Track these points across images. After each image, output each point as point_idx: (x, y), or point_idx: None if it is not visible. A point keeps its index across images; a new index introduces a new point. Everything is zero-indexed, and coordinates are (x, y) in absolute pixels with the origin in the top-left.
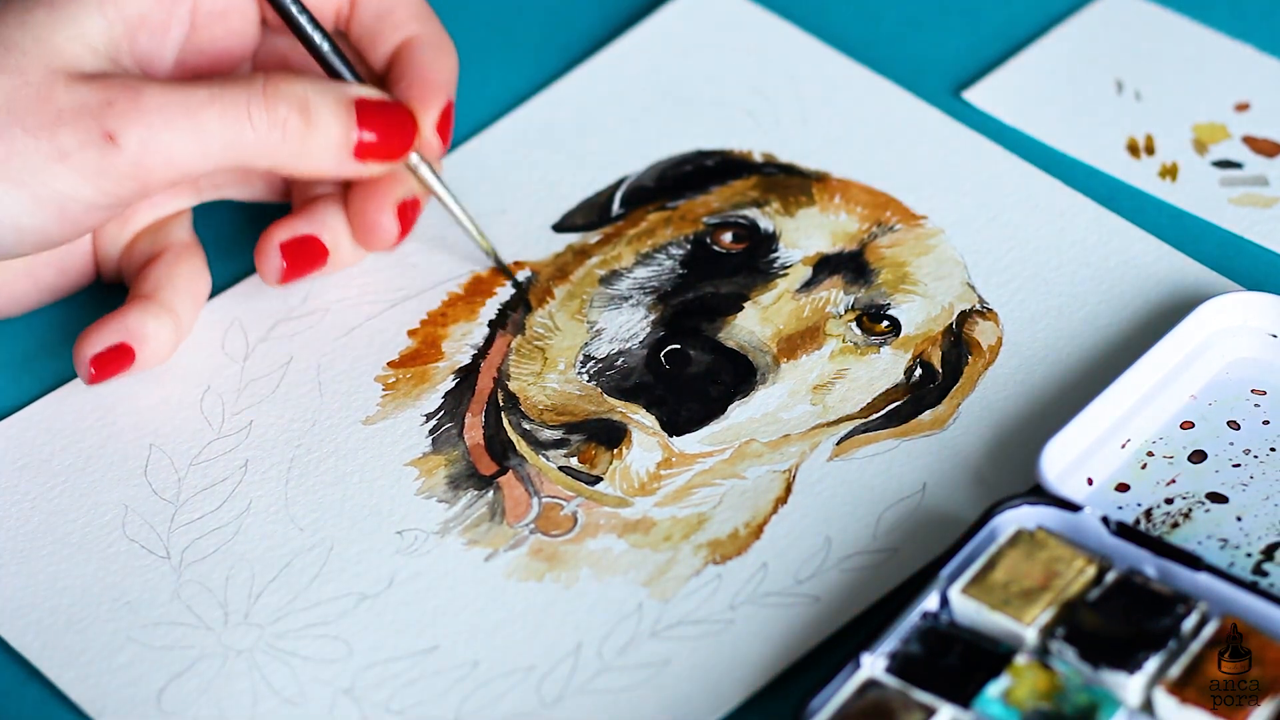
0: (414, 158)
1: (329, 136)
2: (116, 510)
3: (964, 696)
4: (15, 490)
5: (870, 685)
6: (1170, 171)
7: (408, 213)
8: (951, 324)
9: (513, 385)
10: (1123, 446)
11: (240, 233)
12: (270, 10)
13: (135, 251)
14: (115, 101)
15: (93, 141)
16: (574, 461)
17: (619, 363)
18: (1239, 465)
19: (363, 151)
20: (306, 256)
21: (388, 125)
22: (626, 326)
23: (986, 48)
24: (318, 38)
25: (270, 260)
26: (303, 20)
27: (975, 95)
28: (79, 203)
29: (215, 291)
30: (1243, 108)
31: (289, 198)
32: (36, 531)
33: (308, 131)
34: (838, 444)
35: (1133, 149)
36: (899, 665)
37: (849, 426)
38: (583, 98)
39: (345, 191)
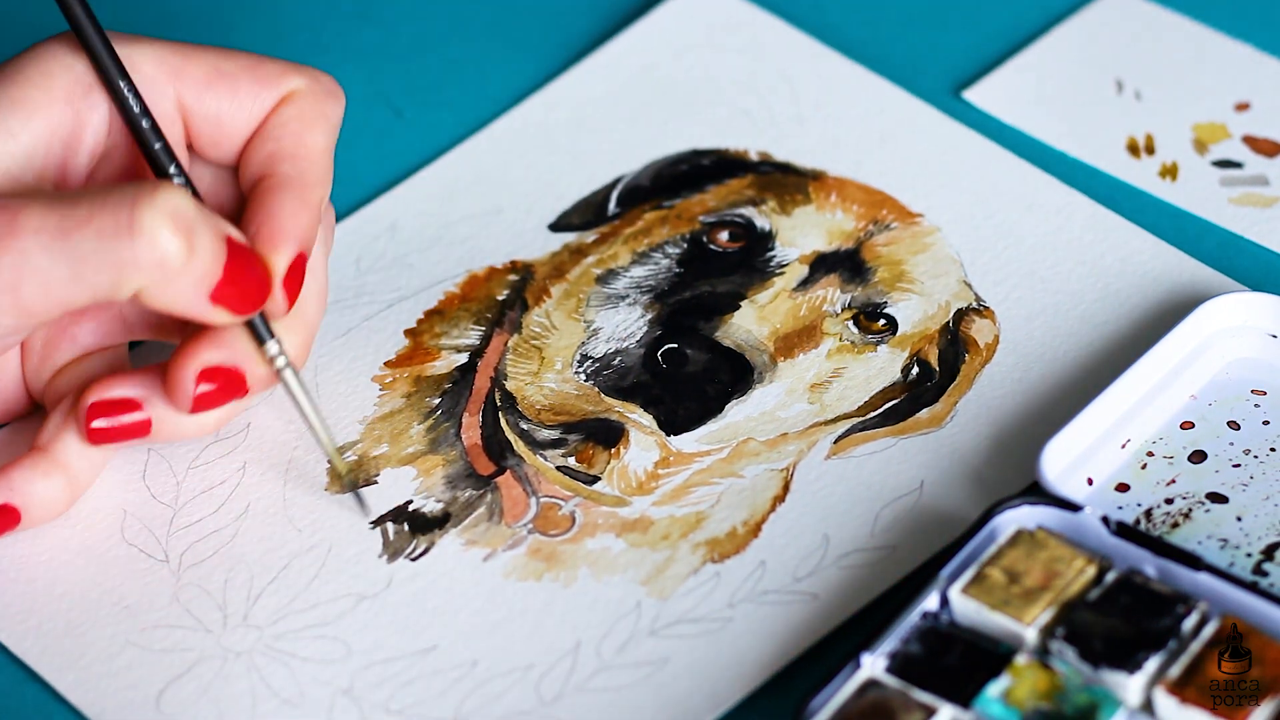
0: (280, 361)
1: (198, 270)
2: (115, 515)
3: (964, 696)
4: None
5: (870, 685)
6: (1170, 171)
7: (215, 378)
8: (948, 322)
9: (510, 385)
10: (1123, 446)
11: None
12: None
13: (55, 388)
14: None
15: None
16: (572, 461)
17: (616, 362)
18: (1239, 465)
19: (219, 295)
20: (126, 420)
21: (247, 273)
22: (623, 326)
23: (986, 48)
24: (148, 129)
25: (81, 421)
26: (132, 103)
27: (975, 95)
28: None
29: None
30: (1243, 107)
31: None
32: (35, 535)
33: (184, 261)
34: (835, 442)
35: (1133, 149)
36: (899, 665)
37: (846, 425)
38: (579, 97)
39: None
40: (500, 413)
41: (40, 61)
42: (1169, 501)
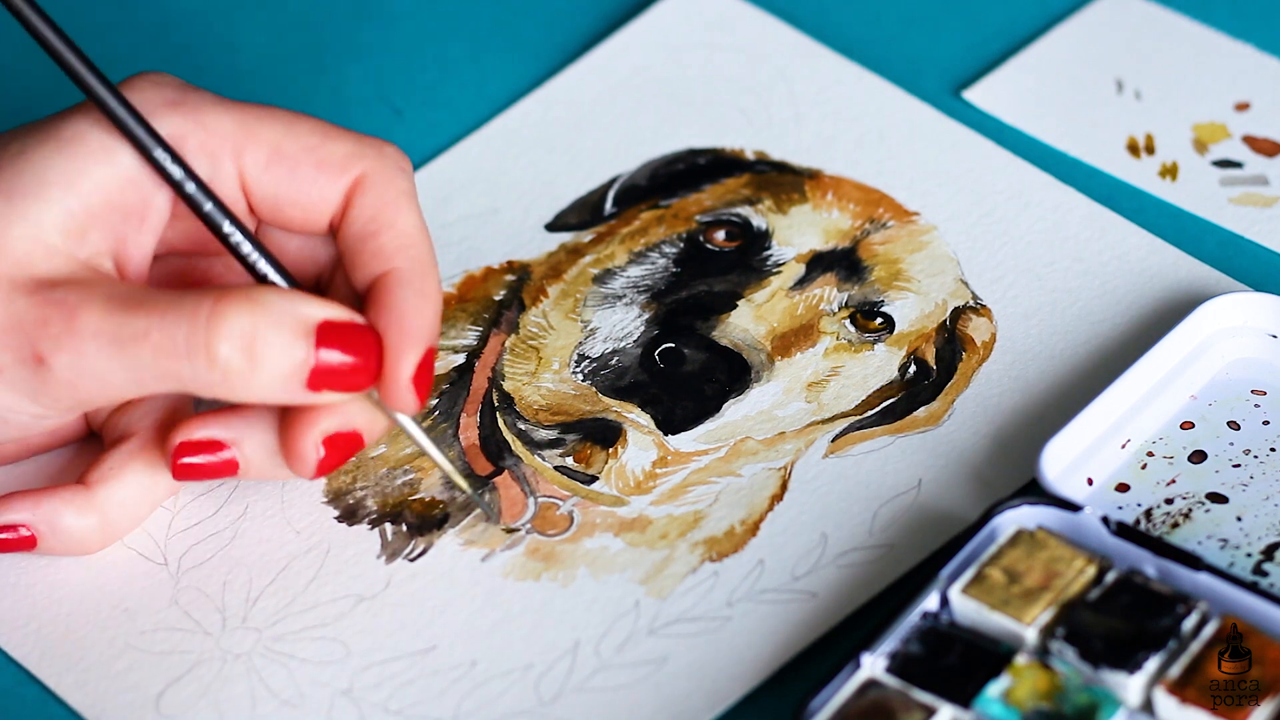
0: (401, 417)
1: (276, 372)
2: None
3: (964, 696)
4: None
5: (870, 685)
6: (1170, 171)
7: (337, 443)
8: (945, 320)
9: (507, 385)
10: (1123, 446)
11: None
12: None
13: (114, 425)
14: (50, 321)
15: (24, 360)
16: (570, 461)
17: (613, 362)
18: (1239, 465)
19: (317, 380)
20: (216, 460)
21: (352, 352)
22: (620, 325)
23: (986, 47)
24: (242, 242)
25: (169, 456)
26: (222, 221)
27: (975, 95)
28: (20, 414)
29: None
30: (1243, 107)
31: None
32: None
33: (251, 371)
34: (833, 441)
35: (1133, 148)
36: (899, 665)
37: (844, 423)
38: (575, 96)
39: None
40: (498, 413)
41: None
42: (1169, 501)
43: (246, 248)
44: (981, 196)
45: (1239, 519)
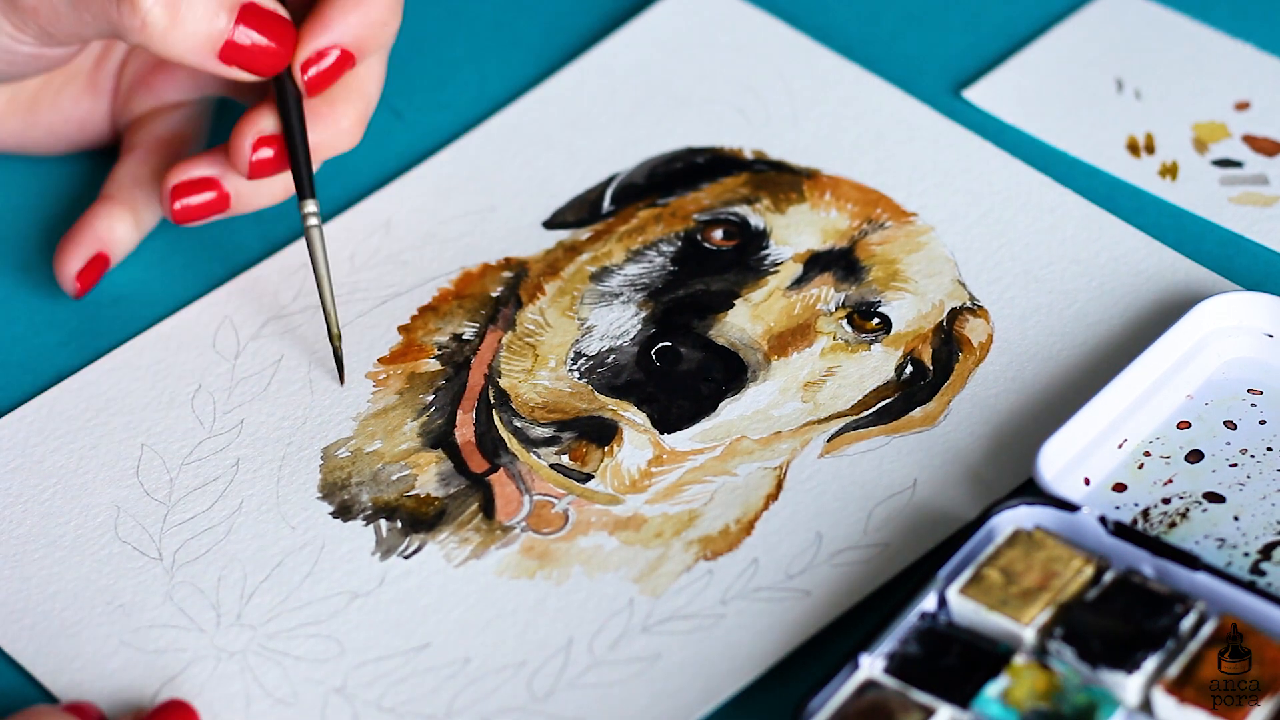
0: (309, 207)
1: (192, 31)
2: (109, 511)
3: (963, 697)
4: (8, 492)
5: (869, 686)
6: (1170, 170)
7: (272, 144)
8: (942, 321)
9: (504, 382)
10: (1119, 446)
11: (233, 227)
12: None
13: (129, 138)
14: None
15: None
16: (565, 459)
17: (610, 360)
18: (1236, 465)
19: (228, 54)
20: (208, 196)
21: (265, 34)
22: (617, 324)
23: (986, 47)
24: None
25: (166, 203)
26: None
27: (975, 94)
28: (17, 46)
29: (205, 290)
30: (1243, 107)
31: None
32: (29, 534)
33: (170, 24)
34: (829, 441)
35: (1133, 148)
36: (897, 666)
37: (840, 423)
38: (574, 95)
39: None
40: (494, 410)
41: None
42: (1166, 501)
43: None
44: (979, 197)
45: (1236, 518)
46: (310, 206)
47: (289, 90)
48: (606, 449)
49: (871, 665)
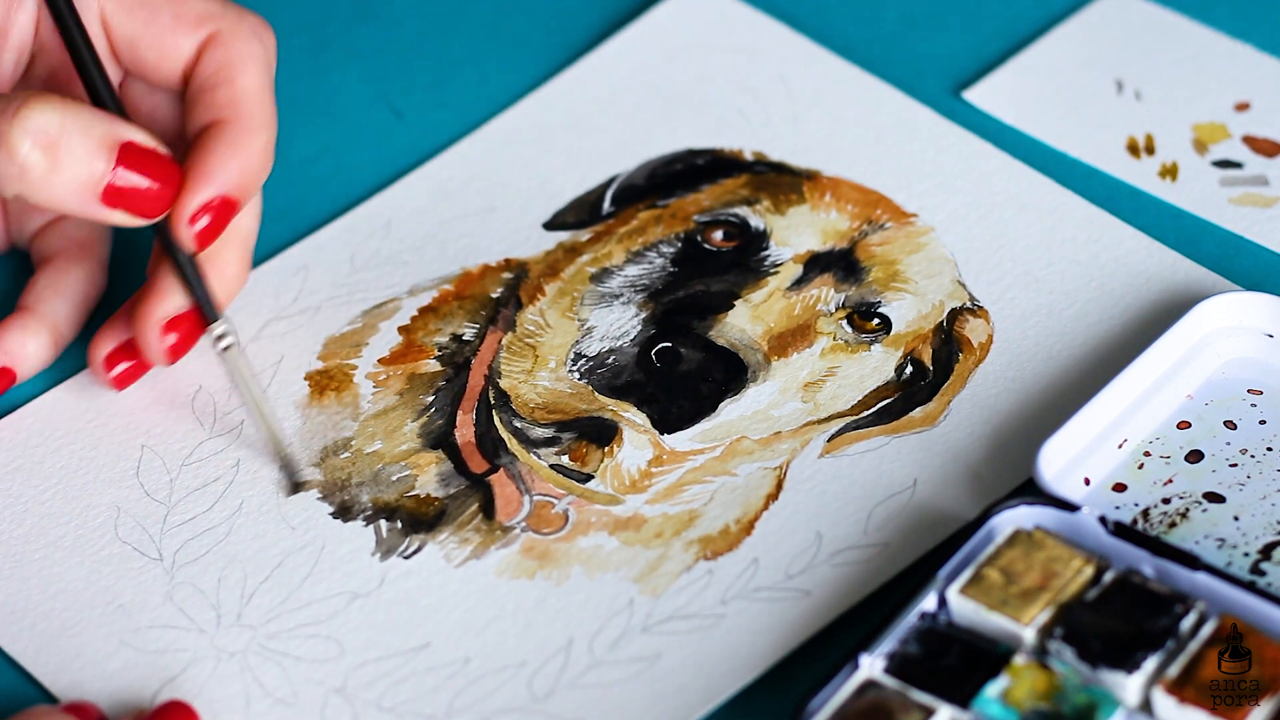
0: (218, 329)
1: (73, 176)
2: (109, 512)
3: (963, 697)
4: (8, 493)
5: (869, 686)
6: (1170, 171)
7: (178, 326)
8: (942, 321)
9: (504, 383)
10: (1120, 446)
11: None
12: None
13: (39, 247)
14: None
15: None
16: (565, 459)
17: (610, 360)
18: (1236, 465)
19: (110, 197)
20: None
21: (149, 176)
22: (617, 324)
23: (986, 48)
24: (87, 59)
25: (100, 375)
26: (76, 36)
27: (975, 95)
28: None
29: None
30: (1243, 107)
31: None
32: (29, 535)
33: (49, 170)
34: (829, 441)
35: (1133, 149)
36: (897, 666)
37: (840, 423)
38: (574, 97)
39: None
40: (494, 411)
41: None
42: (1166, 501)
43: (90, 66)
44: (979, 198)
45: (1236, 518)
46: (219, 328)
47: (169, 232)
48: (606, 449)
49: (871, 665)
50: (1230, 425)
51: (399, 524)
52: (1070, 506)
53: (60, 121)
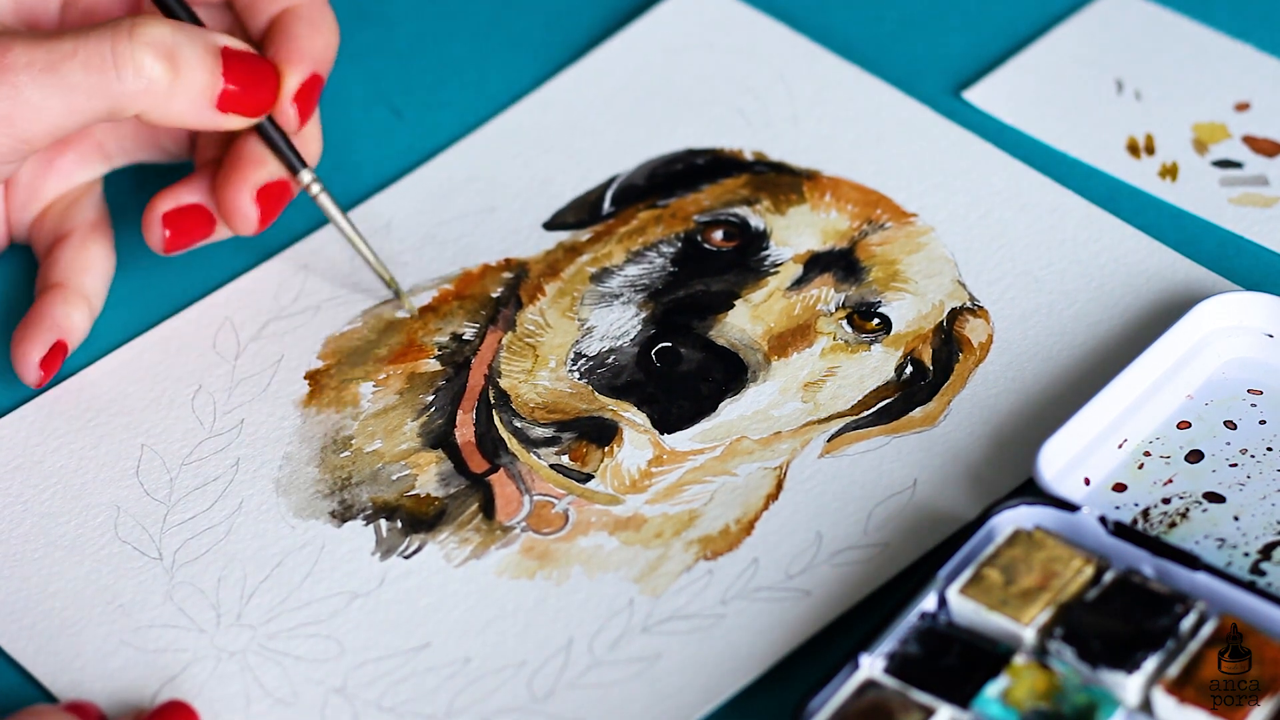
0: (307, 177)
1: (194, 85)
2: (109, 511)
3: (963, 697)
4: (8, 492)
5: (869, 686)
6: (1170, 171)
7: (269, 197)
8: (942, 321)
9: (504, 382)
10: (1119, 446)
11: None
12: None
13: (44, 226)
14: None
15: None
16: (565, 459)
17: (610, 360)
18: (1236, 465)
19: (225, 102)
20: (192, 225)
21: (251, 77)
22: (617, 324)
23: (986, 48)
24: None
25: (154, 232)
26: None
27: (975, 95)
28: None
29: (206, 291)
30: (1243, 107)
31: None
32: (29, 534)
33: (173, 80)
34: (829, 441)
35: (1133, 149)
36: (897, 666)
37: (840, 423)
38: (574, 97)
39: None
40: (494, 410)
41: None
42: (1166, 501)
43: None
44: (979, 198)
45: (1236, 518)
46: (307, 176)
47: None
48: (606, 449)
49: (871, 665)
50: (1230, 425)
51: (399, 523)
52: (1070, 506)
53: (171, 31)
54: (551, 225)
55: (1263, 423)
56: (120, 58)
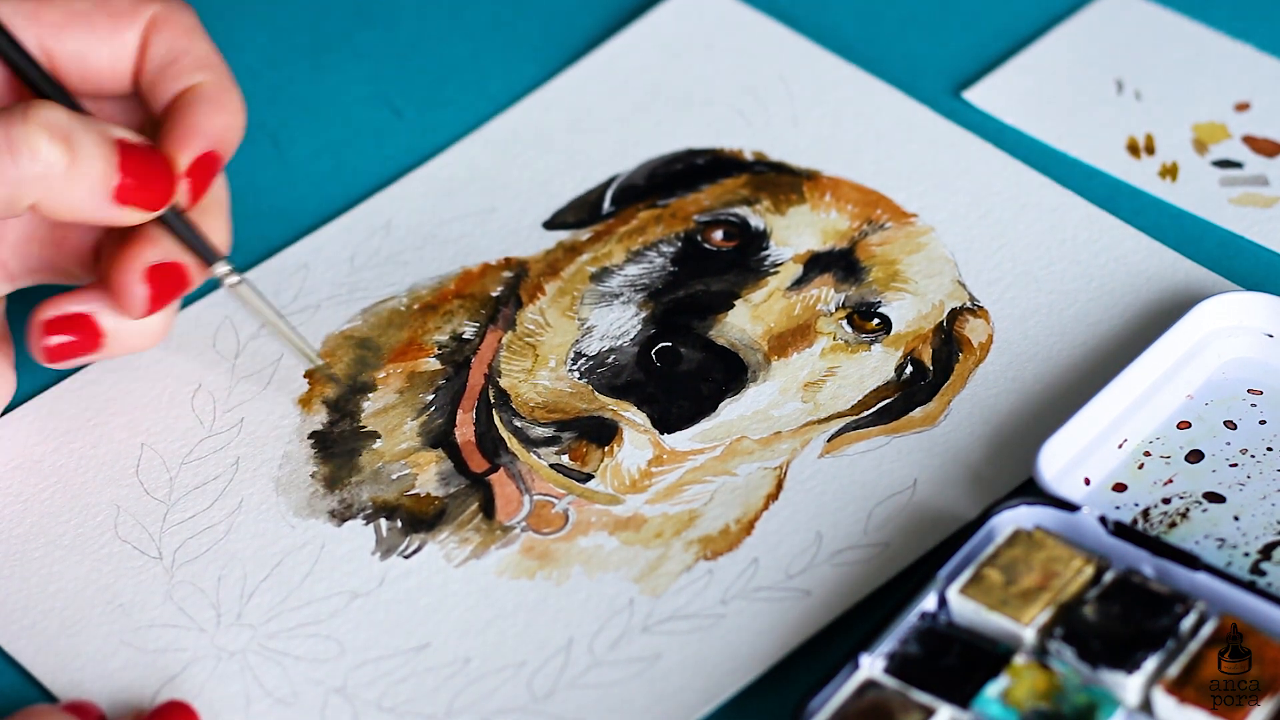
0: (222, 269)
1: (91, 172)
2: (109, 511)
3: (963, 697)
4: (8, 492)
5: (869, 686)
6: (1170, 171)
7: (161, 278)
8: (942, 321)
9: (504, 382)
10: (1120, 446)
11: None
12: None
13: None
14: None
15: None
16: (565, 459)
17: (610, 360)
18: (1236, 465)
19: (123, 194)
20: (80, 335)
21: (146, 168)
22: (617, 324)
23: (986, 48)
24: (31, 69)
25: (36, 340)
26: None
27: (975, 95)
28: None
29: (205, 291)
30: (1243, 107)
31: None
32: (29, 534)
33: (70, 165)
34: (829, 441)
35: (1133, 149)
36: (897, 666)
37: (840, 423)
38: (575, 97)
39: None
40: (494, 410)
41: None
42: (1166, 501)
43: (48, 81)
44: (979, 198)
45: (1236, 518)
46: (222, 268)
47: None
48: (606, 449)
49: (871, 665)
50: (1230, 425)
51: (399, 523)
52: (1070, 506)
53: (67, 116)
54: (551, 225)
55: (1263, 423)
56: (14, 141)
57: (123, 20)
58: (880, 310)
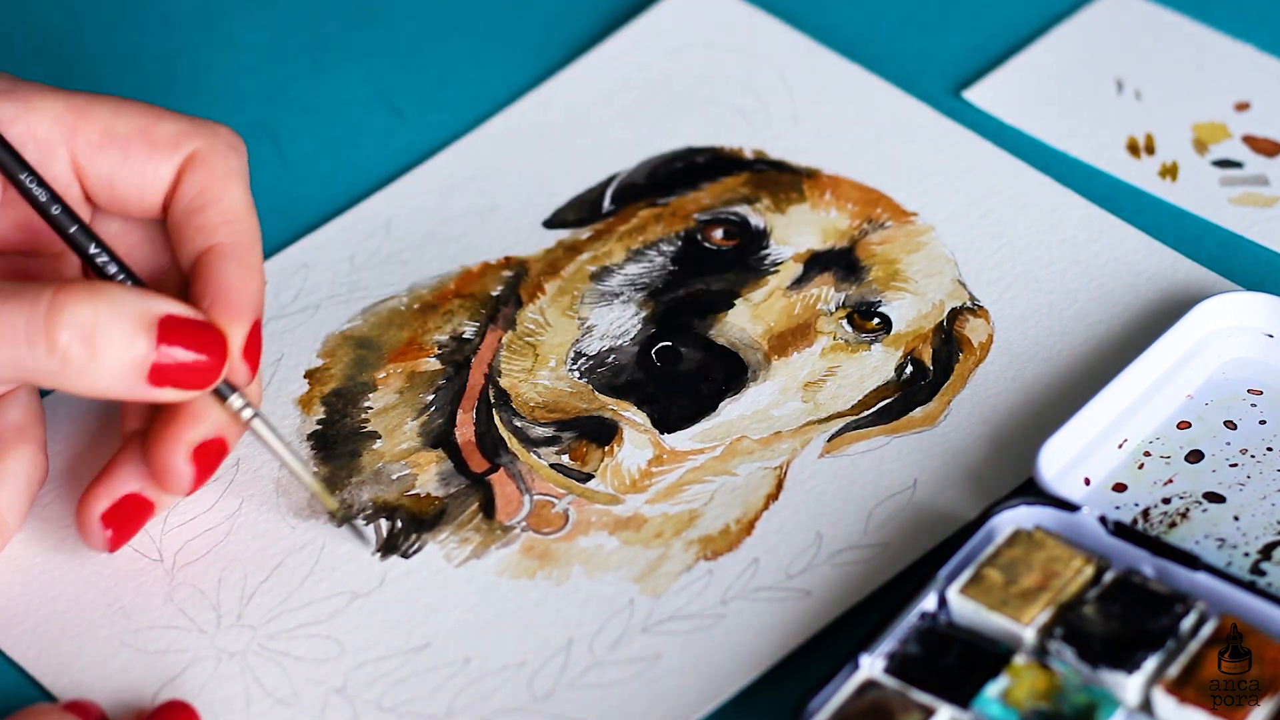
0: (247, 412)
1: (116, 362)
2: None
3: (963, 697)
4: None
5: (869, 686)
6: (1170, 171)
7: (206, 455)
8: (942, 321)
9: (504, 382)
10: (1120, 446)
11: None
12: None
13: None
14: None
15: None
16: (565, 459)
17: (610, 360)
18: (1236, 465)
19: (159, 377)
20: (131, 515)
21: (195, 347)
22: (617, 323)
23: (986, 48)
24: (78, 232)
25: (94, 534)
26: (53, 210)
27: (975, 95)
28: None
29: None
30: (1243, 107)
31: None
32: (30, 537)
33: (90, 361)
34: (829, 440)
35: (1133, 148)
36: (897, 666)
37: (840, 423)
38: (575, 95)
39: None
40: (494, 409)
41: None
42: (1166, 501)
43: (82, 238)
44: (979, 197)
45: (1236, 518)
46: (238, 401)
47: None
48: (606, 449)
49: (871, 665)
50: (1230, 425)
51: (398, 523)
52: (1070, 506)
53: (94, 309)
54: (551, 223)
55: (1263, 423)
56: (33, 335)
57: (161, 151)
58: (880, 310)
